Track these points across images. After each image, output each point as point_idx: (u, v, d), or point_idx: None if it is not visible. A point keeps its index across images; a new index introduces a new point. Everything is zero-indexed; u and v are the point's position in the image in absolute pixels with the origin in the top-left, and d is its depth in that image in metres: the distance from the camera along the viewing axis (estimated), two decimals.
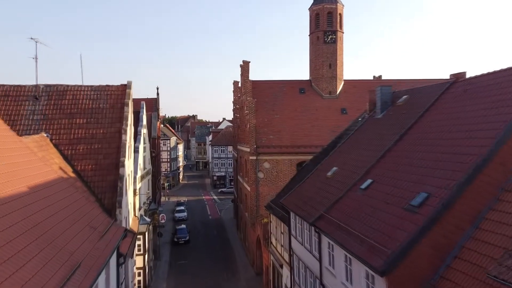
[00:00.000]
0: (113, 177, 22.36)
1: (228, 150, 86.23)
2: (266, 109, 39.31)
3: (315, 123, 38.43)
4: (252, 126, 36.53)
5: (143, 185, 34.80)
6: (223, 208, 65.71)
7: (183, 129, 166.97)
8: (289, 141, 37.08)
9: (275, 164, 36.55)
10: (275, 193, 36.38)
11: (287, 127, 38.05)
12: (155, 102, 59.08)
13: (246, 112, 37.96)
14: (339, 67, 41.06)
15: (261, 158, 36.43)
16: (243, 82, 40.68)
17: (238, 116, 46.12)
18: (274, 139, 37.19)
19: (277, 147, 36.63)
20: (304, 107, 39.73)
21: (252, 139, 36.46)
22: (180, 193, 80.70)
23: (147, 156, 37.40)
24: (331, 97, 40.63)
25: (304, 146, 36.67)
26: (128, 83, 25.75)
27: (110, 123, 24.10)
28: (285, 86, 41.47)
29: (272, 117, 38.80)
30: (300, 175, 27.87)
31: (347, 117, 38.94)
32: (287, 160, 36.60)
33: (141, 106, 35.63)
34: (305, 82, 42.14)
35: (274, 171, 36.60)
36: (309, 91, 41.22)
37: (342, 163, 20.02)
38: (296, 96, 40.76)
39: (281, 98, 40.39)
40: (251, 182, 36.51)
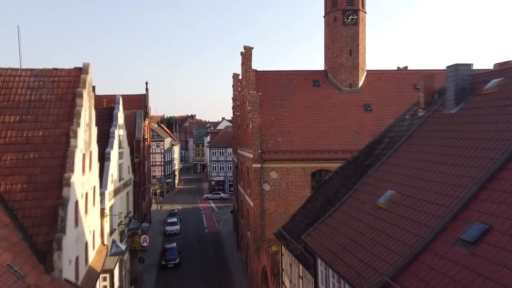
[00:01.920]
0: (53, 201, 15.15)
1: (227, 152, 78.96)
2: (273, 105, 32.03)
3: (333, 122, 31.15)
4: (256, 126, 29.24)
5: (118, 201, 27.45)
6: (222, 218, 58.43)
7: (181, 130, 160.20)
8: (302, 144, 29.80)
9: (284, 173, 29.27)
10: (284, 211, 29.19)
11: (299, 128, 30.78)
12: (143, 99, 51.87)
13: (249, 109, 30.67)
14: (361, 55, 33.76)
15: (267, 166, 29.15)
16: (244, 73, 33.39)
17: (239, 115, 38.83)
18: (283, 142, 29.90)
19: (286, 152, 29.34)
20: (319, 102, 32.45)
21: (255, 142, 29.17)
22: (174, 200, 73.43)
23: (125, 164, 30.05)
24: (352, 91, 33.32)
25: (320, 151, 29.38)
26: (85, 66, 18.43)
27: (55, 121, 16.87)
28: (295, 77, 34.18)
29: (280, 115, 31.51)
30: (322, 193, 20.57)
31: (372, 115, 31.75)
32: (300, 169, 29.30)
33: (116, 101, 28.29)
34: (320, 73, 34.83)
35: (283, 183, 29.31)
36: (324, 83, 33.92)
37: (403, 184, 12.71)
38: (309, 89, 33.48)
39: (291, 92, 33.11)
40: (254, 196, 29.23)
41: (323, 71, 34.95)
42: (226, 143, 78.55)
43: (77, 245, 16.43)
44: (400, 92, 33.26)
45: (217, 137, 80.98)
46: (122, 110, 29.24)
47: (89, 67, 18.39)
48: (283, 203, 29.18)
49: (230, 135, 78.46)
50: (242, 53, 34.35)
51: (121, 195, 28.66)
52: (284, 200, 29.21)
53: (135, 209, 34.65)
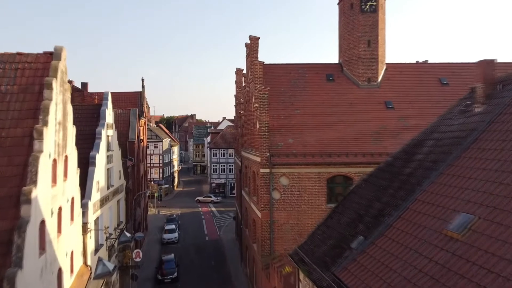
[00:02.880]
0: (9, 223, 11.59)
1: (228, 153, 75.41)
2: (283, 102, 28.45)
3: (350, 121, 27.57)
4: (264, 125, 25.66)
5: (106, 212, 23.87)
6: (223, 224, 54.84)
7: (181, 130, 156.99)
8: (316, 147, 26.22)
9: (296, 179, 25.68)
10: (296, 222, 25.64)
11: (312, 127, 27.20)
12: (139, 96, 48.37)
13: (255, 106, 27.09)
14: (380, 46, 30.17)
15: (276, 171, 25.57)
16: (249, 66, 29.81)
17: (243, 113, 35.26)
18: (295, 144, 26.33)
19: (299, 155, 25.76)
20: (334, 99, 28.87)
21: (264, 144, 25.59)
22: (173, 204, 69.85)
23: (115, 168, 26.46)
24: (371, 86, 29.74)
25: (337, 154, 25.79)
26: (57, 50, 14.82)
27: (16, 119, 13.25)
28: (306, 71, 30.61)
29: (291, 113, 27.94)
30: (349, 206, 16.97)
31: (394, 114, 28.20)
32: (314, 174, 25.72)
33: (104, 97, 24.70)
34: (334, 66, 31.26)
35: (295, 190, 25.72)
36: (339, 78, 30.34)
37: (484, 205, 9.14)
38: (322, 84, 29.91)
39: (302, 87, 29.54)
40: (262, 205, 25.65)
41: (337, 65, 31.37)
42: (228, 144, 75.01)
43: (43, 277, 12.83)
44: (424, 88, 29.72)
45: (218, 137, 77.43)
46: (111, 107, 25.67)
47: (62, 51, 14.79)
48: (295, 214, 25.62)
49: (231, 135, 74.97)
50: (247, 44, 30.80)
51: (110, 204, 25.08)
52: (296, 210, 25.64)
53: (128, 218, 31.08)
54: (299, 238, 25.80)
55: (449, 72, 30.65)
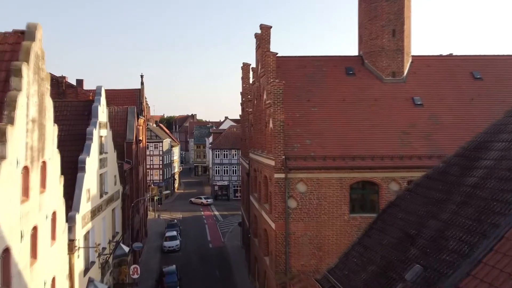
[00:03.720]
0: None
1: (231, 154, 72.31)
2: (298, 98, 25.39)
3: (375, 120, 24.51)
4: (278, 124, 22.57)
5: (98, 224, 20.80)
6: (227, 229, 51.75)
7: (181, 130, 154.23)
8: (337, 148, 23.15)
9: (315, 186, 22.60)
10: (315, 234, 22.58)
11: (332, 127, 24.14)
12: (138, 94, 45.33)
13: (268, 103, 24.01)
14: (406, 36, 27.08)
15: (293, 176, 22.49)
16: (260, 58, 26.72)
17: (251, 111, 32.17)
18: (313, 146, 23.26)
19: (318, 158, 22.68)
20: (356, 95, 25.80)
21: (278, 146, 22.50)
22: (174, 207, 66.79)
23: (110, 173, 23.39)
24: (396, 81, 26.66)
25: (361, 157, 22.72)
26: (30, 28, 11.71)
27: None
28: (323, 64, 27.54)
29: (308, 110, 24.88)
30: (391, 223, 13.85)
31: (423, 111, 25.17)
32: (335, 180, 22.63)
33: (97, 92, 21.63)
34: (354, 59, 28.17)
35: (313, 198, 22.63)
36: (360, 71, 27.26)
37: None
38: (342, 78, 26.83)
39: (320, 82, 26.47)
40: (276, 215, 22.57)
41: (357, 57, 28.29)
42: (231, 144, 71.95)
43: None
44: (455, 83, 26.66)
45: (221, 138, 74.35)
46: (105, 104, 22.59)
47: (37, 30, 11.70)
48: (314, 225, 22.54)
49: (235, 135, 71.94)
50: (258, 35, 27.76)
51: (104, 214, 22.02)
52: (315, 220, 22.57)
53: (125, 228, 28.02)
54: (318, 252, 22.79)
55: (481, 65, 27.59)
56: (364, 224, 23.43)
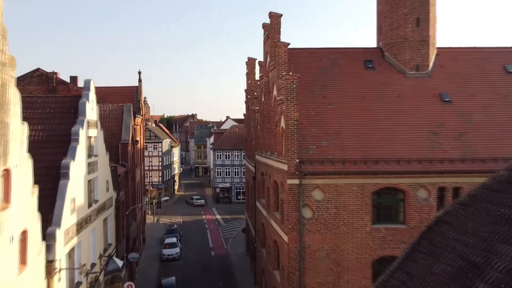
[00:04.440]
0: None
1: (234, 155, 69.60)
2: (312, 94, 22.74)
3: (399, 118, 21.86)
4: (292, 123, 19.87)
5: (86, 238, 18.12)
6: (230, 234, 49.06)
7: (182, 130, 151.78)
8: (358, 150, 20.48)
9: (333, 193, 19.91)
10: (333, 247, 19.91)
11: (352, 126, 21.49)
12: (135, 91, 42.65)
13: (279, 100, 21.31)
14: (431, 26, 24.41)
15: (308, 182, 19.80)
16: (270, 50, 24.03)
17: (258, 110, 29.47)
18: (330, 148, 20.58)
19: (337, 162, 19.99)
20: (377, 91, 23.14)
21: (291, 148, 19.81)
22: (173, 210, 64.10)
23: (101, 178, 20.71)
24: (420, 75, 23.98)
25: (385, 161, 20.04)
26: None
27: None
28: (340, 57, 24.88)
29: (323, 108, 22.22)
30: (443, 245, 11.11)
31: (453, 109, 22.51)
32: (356, 187, 19.94)
33: (85, 85, 18.95)
34: (373, 51, 25.51)
35: (331, 207, 19.94)
36: (381, 65, 24.59)
37: None
38: (360, 72, 24.17)
39: (336, 76, 23.81)
40: (290, 226, 19.88)
41: (377, 49, 25.62)
42: (233, 145, 69.26)
43: None
44: (486, 77, 23.98)
45: (222, 138, 71.62)
46: (95, 100, 19.89)
47: None
48: (332, 237, 19.86)
49: (237, 136, 69.32)
50: (266, 25, 25.15)
51: (94, 226, 19.34)
52: (332, 232, 19.88)
53: (120, 238, 25.32)
54: (336, 268, 20.10)
55: None
56: (389, 237, 20.83)
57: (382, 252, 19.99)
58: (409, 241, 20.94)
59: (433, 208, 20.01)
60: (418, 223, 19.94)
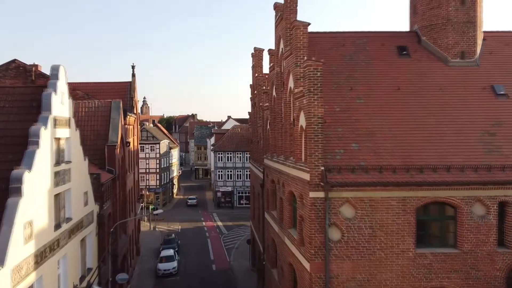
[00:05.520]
0: None
1: (236, 157, 65.44)
2: (337, 86, 18.67)
3: (444, 116, 17.81)
4: (316, 121, 15.75)
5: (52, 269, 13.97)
6: (232, 244, 44.94)
7: (181, 130, 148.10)
8: (396, 155, 16.40)
9: (367, 209, 15.81)
10: (368, 278, 15.70)
11: (387, 125, 17.42)
12: (128, 87, 38.58)
13: (299, 92, 17.16)
14: (478, 5, 20.31)
15: (336, 195, 15.70)
16: (284, 34, 19.89)
17: (268, 106, 25.34)
18: (362, 151, 16.50)
19: (371, 169, 15.90)
20: (415, 82, 19.08)
21: (315, 153, 15.70)
22: (172, 216, 59.99)
23: (76, 190, 16.57)
24: (466, 64, 19.88)
25: (432, 168, 15.94)
26: None
27: None
28: (367, 42, 20.81)
29: (351, 103, 18.16)
30: None
31: (510, 104, 18.32)
32: (396, 201, 15.83)
33: (51, 73, 14.84)
34: (407, 36, 21.41)
35: (365, 226, 15.84)
36: (417, 51, 20.49)
37: None
38: (393, 61, 20.08)
39: (364, 65, 19.74)
40: (312, 252, 15.77)
41: (412, 33, 21.53)
42: (235, 146, 65.13)
43: None
44: None
45: (224, 139, 67.45)
46: (66, 90, 15.77)
47: None
48: (366, 264, 15.76)
49: (239, 136, 65.31)
50: (278, 5, 21.15)
51: (64, 251, 15.24)
52: (367, 258, 15.79)
53: (105, 258, 21.19)
54: None
55: None
56: (437, 264, 16.67)
57: (429, 284, 15.91)
58: (462, 269, 16.97)
59: (492, 228, 15.94)
60: (474, 247, 15.89)
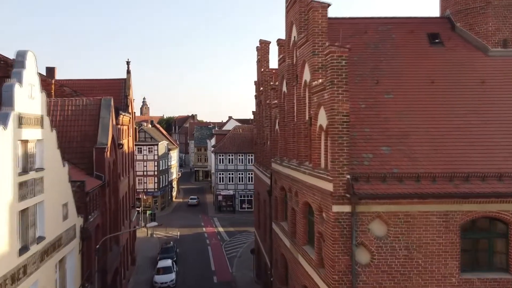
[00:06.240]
0: None
1: (238, 159, 62.66)
2: (361, 79, 15.97)
3: (489, 114, 15.09)
4: (340, 120, 13.01)
5: None
6: (235, 252, 42.17)
7: (181, 131, 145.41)
8: (435, 161, 13.70)
9: (402, 226, 13.08)
10: None
11: (422, 125, 14.72)
12: (123, 84, 35.89)
13: (318, 85, 14.40)
14: None
15: (364, 210, 12.98)
16: (297, 19, 17.13)
17: (277, 103, 22.59)
18: (394, 157, 13.77)
19: (407, 178, 13.16)
20: (450, 74, 16.37)
21: (339, 158, 12.96)
22: (170, 221, 57.23)
23: (51, 203, 13.78)
24: (510, 54, 17.15)
25: (480, 176, 13.19)
26: None
27: None
28: (393, 29, 18.11)
29: (378, 98, 15.45)
30: None
31: None
32: (437, 217, 13.09)
33: (16, 59, 12.05)
34: (438, 21, 18.71)
35: (399, 247, 13.09)
36: (451, 39, 17.77)
37: None
38: (424, 50, 17.37)
39: (390, 55, 17.04)
40: (335, 277, 13.02)
41: (443, 19, 18.82)
42: (237, 147, 62.36)
43: None
44: None
45: (225, 140, 64.65)
46: (38, 83, 13.02)
47: None
48: None
49: (241, 137, 62.59)
50: None
51: (35, 278, 12.48)
52: (402, 285, 13.08)
53: (89, 278, 18.41)
54: None
55: None
56: None
57: None
58: None
59: None
60: None
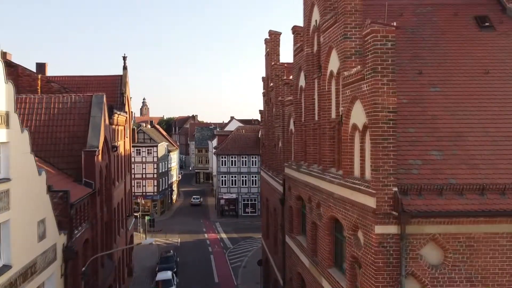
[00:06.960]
0: None
1: (241, 161, 59.96)
2: (401, 69, 13.20)
3: None
4: (384, 117, 10.28)
5: None
6: (239, 261, 39.50)
7: (181, 132, 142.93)
8: (500, 169, 10.95)
9: (463, 251, 10.37)
10: None
11: (478, 124, 11.98)
12: (119, 81, 33.24)
13: (352, 75, 11.67)
14: None
15: (415, 231, 10.25)
16: None
17: (290, 101, 19.83)
18: (448, 164, 11.05)
19: (466, 191, 10.43)
20: (506, 63, 13.66)
21: (383, 167, 10.23)
22: (170, 226, 54.62)
23: (25, 219, 10.97)
24: None
25: None
26: None
27: None
28: (433, 11, 15.41)
29: (422, 92, 12.72)
30: None
31: None
32: (507, 239, 10.38)
33: None
34: (485, 3, 15.97)
35: (460, 278, 10.38)
36: (503, 23, 15.07)
37: None
38: (473, 35, 14.67)
39: (434, 41, 14.34)
40: None
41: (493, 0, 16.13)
42: (240, 149, 59.68)
43: None
44: None
45: (227, 141, 61.96)
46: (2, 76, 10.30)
47: None
48: None
49: (244, 138, 59.94)
50: None
51: None
52: None
53: None
54: None
55: None
56: None
57: None
58: None
59: None
60: None
